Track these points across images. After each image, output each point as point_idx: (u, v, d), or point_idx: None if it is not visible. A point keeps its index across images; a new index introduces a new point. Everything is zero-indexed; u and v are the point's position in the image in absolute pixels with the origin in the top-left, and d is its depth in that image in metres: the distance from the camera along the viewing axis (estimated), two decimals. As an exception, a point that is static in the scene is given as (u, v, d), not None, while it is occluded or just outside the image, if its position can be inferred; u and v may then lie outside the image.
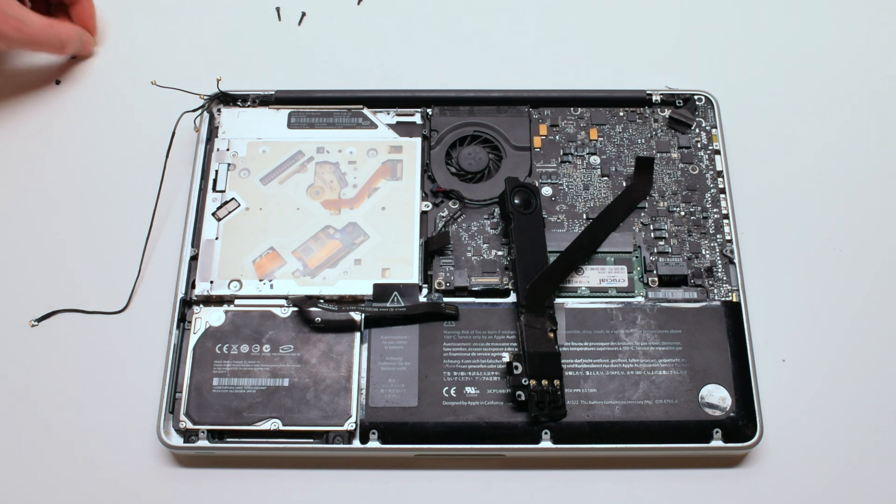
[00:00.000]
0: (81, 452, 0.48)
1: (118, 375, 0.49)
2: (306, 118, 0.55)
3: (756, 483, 0.47)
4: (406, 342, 0.48)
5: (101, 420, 0.48)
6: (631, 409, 0.46)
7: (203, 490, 0.47)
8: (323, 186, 0.52)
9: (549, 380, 0.46)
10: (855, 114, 0.59)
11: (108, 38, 0.62)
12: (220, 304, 0.49)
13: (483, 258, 0.51)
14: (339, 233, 0.51)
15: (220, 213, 0.51)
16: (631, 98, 0.55)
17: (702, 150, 0.54)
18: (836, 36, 0.62)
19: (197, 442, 0.46)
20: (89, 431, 0.48)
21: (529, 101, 0.55)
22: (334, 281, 0.49)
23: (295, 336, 0.48)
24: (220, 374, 0.47)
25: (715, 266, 0.50)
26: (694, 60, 0.61)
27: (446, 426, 0.46)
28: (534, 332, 0.47)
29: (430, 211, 0.52)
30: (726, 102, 0.56)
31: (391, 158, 0.53)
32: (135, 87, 0.59)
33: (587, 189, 0.53)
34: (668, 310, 0.49)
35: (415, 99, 0.55)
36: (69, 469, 0.47)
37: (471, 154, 0.54)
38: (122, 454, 0.47)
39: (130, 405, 0.49)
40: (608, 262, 0.50)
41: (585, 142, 0.54)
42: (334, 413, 0.46)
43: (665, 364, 0.47)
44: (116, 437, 0.48)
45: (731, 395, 0.47)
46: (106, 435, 0.48)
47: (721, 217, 0.52)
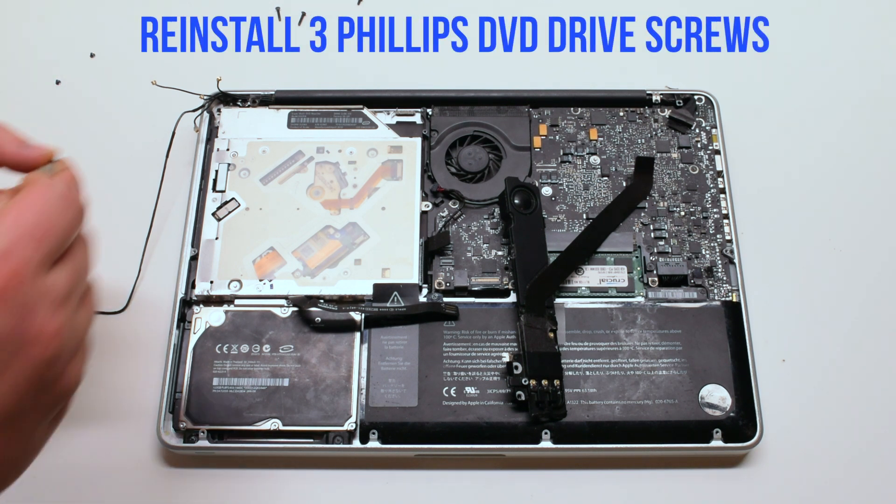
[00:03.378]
0: (81, 452, 0.48)
1: (118, 375, 0.49)
2: (306, 118, 0.55)
3: (756, 483, 0.47)
4: (406, 342, 0.48)
5: (101, 420, 0.48)
6: (631, 409, 0.46)
7: (203, 490, 0.47)
8: (323, 186, 0.52)
9: (549, 380, 0.46)
10: (855, 114, 0.59)
11: (108, 37, 0.62)
12: (220, 304, 0.49)
13: (483, 258, 0.51)
14: (339, 233, 0.51)
15: (220, 213, 0.51)
16: (631, 98, 0.55)
17: (702, 150, 0.54)
18: (837, 36, 0.62)
19: (197, 442, 0.46)
20: (89, 431, 0.48)
21: (529, 101, 0.55)
22: (334, 281, 0.49)
23: (295, 336, 0.48)
24: (220, 374, 0.47)
25: (715, 266, 0.50)
26: (694, 60, 0.61)
27: (446, 426, 0.46)
28: (534, 332, 0.47)
29: (430, 211, 0.52)
30: (726, 102, 0.56)
31: (391, 158, 0.53)
32: (135, 87, 0.59)
33: (587, 189, 0.53)
34: (668, 310, 0.49)
35: (415, 99, 0.55)
36: (69, 469, 0.47)
37: (471, 154, 0.54)
38: (122, 454, 0.47)
39: (130, 405, 0.49)
40: (608, 262, 0.50)
41: (585, 142, 0.54)
42: (334, 413, 0.46)
43: (665, 364, 0.47)
44: (116, 437, 0.48)
45: (731, 395, 0.47)
46: (106, 435, 0.48)
47: (721, 217, 0.52)
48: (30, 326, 0.29)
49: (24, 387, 0.29)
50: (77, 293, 0.32)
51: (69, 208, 0.32)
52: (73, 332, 0.31)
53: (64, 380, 0.31)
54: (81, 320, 0.32)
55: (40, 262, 0.30)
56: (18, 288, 0.29)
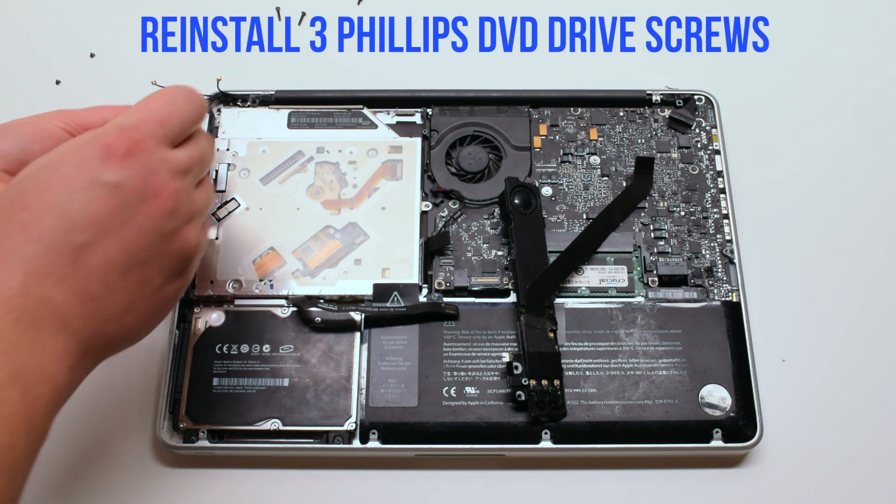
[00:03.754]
0: (81, 452, 0.48)
1: (118, 375, 0.49)
2: (306, 118, 0.55)
3: (756, 483, 0.47)
4: (406, 342, 0.48)
5: (101, 420, 0.48)
6: (631, 409, 0.46)
7: (203, 490, 0.47)
8: (323, 186, 0.52)
9: (549, 380, 0.46)
10: (855, 114, 0.59)
11: (108, 37, 0.62)
12: (220, 304, 0.49)
13: (483, 258, 0.51)
14: (339, 233, 0.51)
15: (220, 213, 0.51)
16: (631, 98, 0.55)
17: (702, 150, 0.54)
18: (837, 36, 0.62)
19: (197, 442, 0.46)
20: (89, 431, 0.48)
21: (529, 101, 0.55)
22: (334, 281, 0.49)
23: (295, 336, 0.48)
24: (220, 374, 0.47)
25: (715, 266, 0.50)
26: (694, 60, 0.61)
27: (446, 426, 0.46)
28: (534, 332, 0.47)
29: (430, 211, 0.52)
30: (726, 102, 0.56)
31: (391, 158, 0.53)
32: (135, 87, 0.59)
33: (587, 189, 0.53)
34: (668, 310, 0.49)
35: (415, 99, 0.55)
36: (69, 469, 0.47)
37: (471, 154, 0.54)
38: (122, 454, 0.47)
39: (130, 405, 0.49)
40: (608, 262, 0.50)
41: (585, 142, 0.54)
42: (334, 413, 0.46)
43: (665, 364, 0.47)
44: (116, 437, 0.48)
45: (731, 395, 0.47)
46: (106, 435, 0.48)
47: (721, 217, 0.52)
48: (151, 183, 0.36)
49: (150, 233, 0.36)
50: (195, 173, 0.39)
51: (190, 103, 0.39)
52: (189, 200, 0.38)
53: (182, 236, 0.37)
54: (199, 197, 0.39)
55: (162, 137, 0.37)
56: (143, 152, 0.35)
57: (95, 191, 0.34)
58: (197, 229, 0.39)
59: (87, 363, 0.36)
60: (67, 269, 0.34)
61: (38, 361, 0.33)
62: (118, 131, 0.36)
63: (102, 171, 0.34)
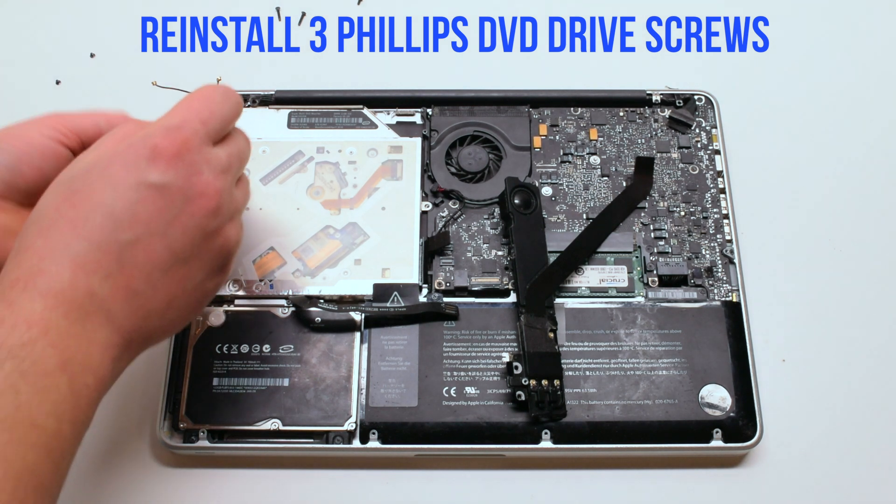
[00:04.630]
0: (81, 452, 0.47)
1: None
2: (306, 118, 0.55)
3: (756, 483, 0.47)
4: (406, 342, 0.48)
5: (101, 420, 0.48)
6: (631, 409, 0.46)
7: (203, 490, 0.47)
8: (323, 186, 0.52)
9: (549, 380, 0.46)
10: (855, 113, 0.58)
11: (108, 37, 0.62)
12: (220, 304, 0.49)
13: (483, 258, 0.51)
14: (339, 233, 0.51)
15: (220, 213, 0.51)
16: (631, 98, 0.55)
17: (702, 150, 0.54)
18: (837, 36, 0.62)
19: (197, 442, 0.46)
20: (89, 431, 0.48)
21: (529, 101, 0.55)
22: (334, 281, 0.49)
23: (295, 336, 0.48)
24: (220, 374, 0.47)
25: (715, 266, 0.50)
26: (694, 60, 0.61)
27: (446, 426, 0.46)
28: (534, 332, 0.47)
29: (430, 211, 0.52)
30: (726, 102, 0.56)
31: (391, 158, 0.53)
32: (135, 87, 0.59)
33: (587, 189, 0.53)
34: (668, 310, 0.49)
35: (415, 99, 0.55)
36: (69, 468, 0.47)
37: (471, 154, 0.54)
38: (123, 454, 0.47)
39: (130, 405, 0.49)
40: (608, 262, 0.50)
41: (585, 142, 0.54)
42: (334, 413, 0.46)
43: (665, 364, 0.47)
44: (116, 437, 0.48)
45: (731, 395, 0.47)
46: (106, 435, 0.48)
47: (721, 217, 0.52)
48: (197, 182, 0.36)
49: (193, 231, 0.37)
50: (234, 171, 0.40)
51: (228, 101, 0.39)
52: (231, 198, 0.39)
53: (223, 234, 0.38)
54: (238, 196, 0.40)
55: (205, 136, 0.37)
56: (188, 153, 0.36)
57: (142, 191, 0.35)
58: (237, 226, 0.40)
59: (129, 355, 0.37)
60: (113, 266, 0.35)
61: (85, 352, 0.34)
62: (164, 132, 0.36)
63: (149, 173, 0.35)
